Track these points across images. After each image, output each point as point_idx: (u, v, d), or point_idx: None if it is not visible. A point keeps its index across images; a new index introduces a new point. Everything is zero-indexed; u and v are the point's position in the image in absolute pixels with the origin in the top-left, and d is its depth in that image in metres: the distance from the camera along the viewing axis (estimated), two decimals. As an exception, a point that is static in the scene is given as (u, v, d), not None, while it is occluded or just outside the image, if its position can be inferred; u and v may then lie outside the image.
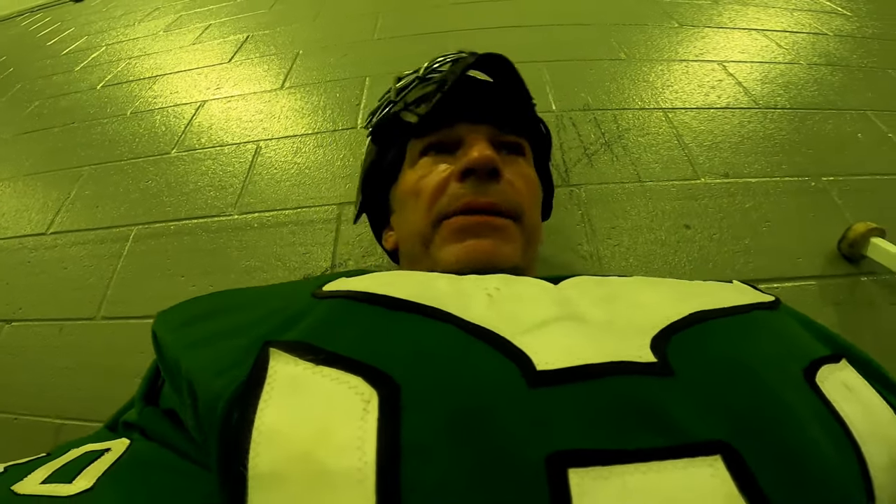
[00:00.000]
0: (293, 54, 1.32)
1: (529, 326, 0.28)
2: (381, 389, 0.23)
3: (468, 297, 0.30)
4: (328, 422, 0.21)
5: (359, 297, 0.30)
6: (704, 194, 0.82)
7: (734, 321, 0.31)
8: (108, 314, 0.81)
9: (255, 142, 1.04)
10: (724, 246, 0.75)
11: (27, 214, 1.03)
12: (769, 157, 0.88)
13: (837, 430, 0.24)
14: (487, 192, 0.45)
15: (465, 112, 0.50)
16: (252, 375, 0.24)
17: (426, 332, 0.27)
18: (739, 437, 0.22)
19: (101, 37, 1.77)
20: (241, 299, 0.34)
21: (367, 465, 0.20)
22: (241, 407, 0.23)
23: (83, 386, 0.74)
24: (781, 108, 0.98)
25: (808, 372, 0.27)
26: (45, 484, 0.25)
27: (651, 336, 0.27)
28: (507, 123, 0.51)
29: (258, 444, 0.21)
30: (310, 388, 0.23)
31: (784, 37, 1.21)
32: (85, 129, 1.23)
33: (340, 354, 0.25)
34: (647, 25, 1.25)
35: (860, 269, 0.73)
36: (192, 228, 0.89)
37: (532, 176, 0.52)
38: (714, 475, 0.20)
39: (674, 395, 0.23)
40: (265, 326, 0.28)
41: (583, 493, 0.19)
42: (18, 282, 0.90)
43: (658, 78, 1.06)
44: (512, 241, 0.45)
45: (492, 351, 0.25)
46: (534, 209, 0.50)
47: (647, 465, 0.20)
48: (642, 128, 0.94)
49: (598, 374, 0.24)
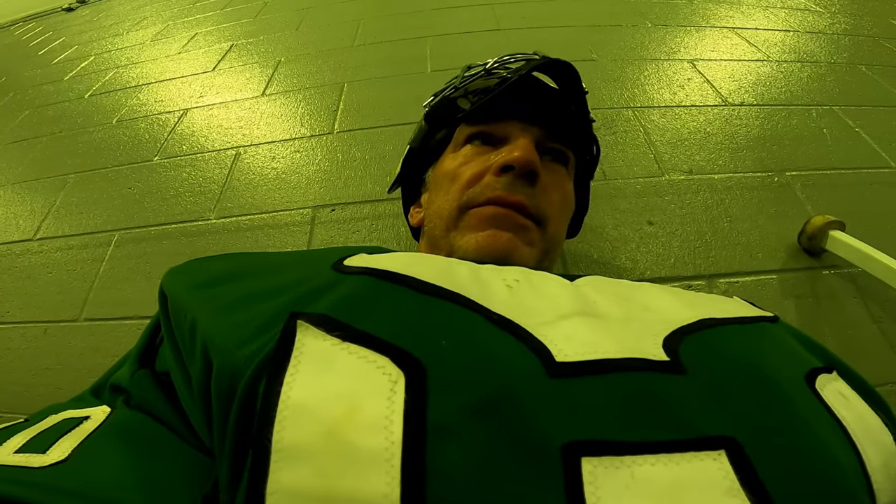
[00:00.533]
0: (275, 62, 1.34)
1: (549, 319, 0.28)
2: (408, 371, 0.23)
3: (489, 287, 0.31)
4: (356, 400, 0.22)
5: (385, 276, 0.30)
6: (668, 191, 0.84)
7: (741, 329, 0.32)
8: (90, 316, 0.83)
9: (235, 148, 1.06)
10: (685, 241, 0.77)
11: (15, 221, 1.05)
12: (734, 154, 0.89)
13: (839, 431, 0.25)
14: (520, 192, 0.45)
15: (519, 110, 0.50)
16: (279, 347, 0.24)
17: (453, 318, 0.28)
18: (745, 434, 0.23)
19: (91, 46, 1.80)
20: (258, 264, 0.34)
21: (393, 445, 0.20)
22: (267, 378, 0.23)
23: (65, 385, 0.76)
24: (749, 104, 1.00)
25: (809, 378, 0.28)
26: (19, 454, 0.25)
27: (663, 336, 0.28)
28: (558, 131, 0.51)
29: (284, 417, 0.21)
30: (338, 365, 0.23)
31: (755, 34, 1.23)
32: (72, 137, 1.25)
33: (369, 333, 0.25)
34: (620, 26, 1.27)
35: (821, 263, 0.74)
36: (171, 233, 0.92)
37: (568, 189, 0.52)
38: (718, 468, 0.21)
39: (685, 392, 0.24)
40: (288, 295, 0.28)
41: (594, 479, 0.20)
42: (5, 286, 0.92)
43: (628, 77, 1.08)
44: (532, 243, 0.45)
45: (514, 341, 0.26)
46: (560, 220, 0.50)
47: (656, 457, 0.21)
48: (610, 126, 0.96)
49: (614, 369, 0.25)
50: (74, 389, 0.73)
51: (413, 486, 0.19)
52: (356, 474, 0.20)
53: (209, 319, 0.28)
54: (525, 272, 0.35)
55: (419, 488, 0.19)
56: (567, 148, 0.52)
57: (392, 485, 0.19)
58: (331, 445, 0.20)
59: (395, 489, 0.19)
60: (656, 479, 0.21)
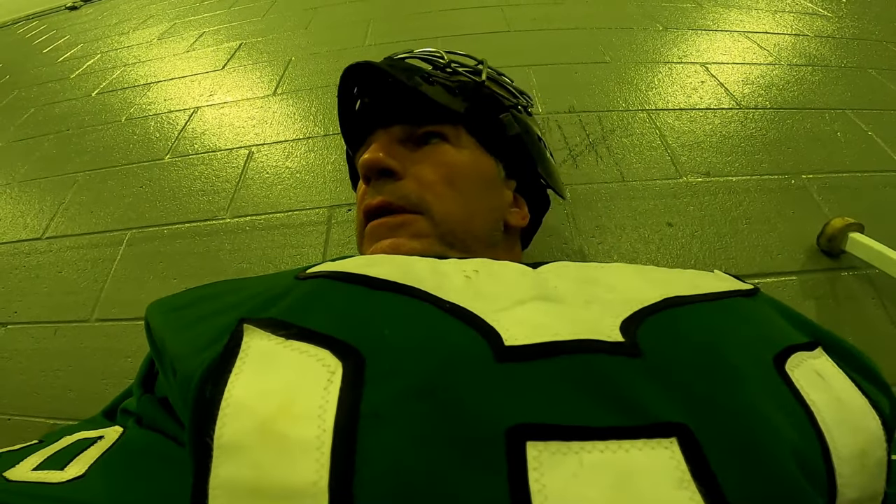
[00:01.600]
0: (285, 61, 1.34)
1: (504, 305, 0.28)
2: (346, 361, 0.23)
3: (446, 278, 0.31)
4: (292, 392, 0.22)
5: (338, 277, 0.31)
6: (686, 193, 0.83)
7: (708, 307, 0.31)
8: (102, 316, 0.82)
9: (248, 147, 1.05)
10: (705, 243, 0.77)
11: (23, 220, 1.04)
12: (750, 156, 0.90)
13: (802, 417, 0.24)
14: (382, 191, 0.46)
15: (377, 118, 0.51)
16: (226, 350, 0.25)
17: (400, 309, 0.28)
18: (698, 421, 0.22)
19: (97, 44, 1.79)
20: (230, 286, 0.35)
21: (324, 433, 0.20)
22: (213, 381, 0.23)
23: (76, 387, 0.75)
24: (762, 108, 1.00)
25: (779, 358, 0.27)
26: (37, 471, 0.26)
27: (623, 318, 0.28)
28: (419, 116, 0.50)
29: (225, 415, 0.22)
30: (279, 362, 0.24)
31: (766, 38, 1.24)
32: (80, 135, 1.24)
33: (312, 329, 0.25)
34: (632, 29, 1.28)
35: (840, 265, 0.74)
36: (184, 232, 0.91)
37: (455, 161, 0.49)
38: (670, 457, 0.21)
39: (638, 376, 0.24)
40: (246, 307, 0.29)
41: (540, 465, 0.20)
42: (14, 286, 0.91)
43: (642, 80, 1.08)
44: (419, 235, 0.44)
45: (463, 327, 0.26)
46: (453, 196, 0.47)
47: (606, 443, 0.21)
48: (626, 129, 0.96)
49: (564, 351, 0.24)
50: (86, 391, 0.74)
51: (341, 473, 0.19)
52: (287, 464, 0.20)
53: (173, 336, 0.29)
54: (486, 262, 0.35)
55: (348, 474, 0.19)
56: (440, 125, 0.50)
57: (321, 472, 0.19)
58: (265, 438, 0.20)
59: (324, 476, 0.19)
60: (605, 466, 0.20)
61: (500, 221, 0.52)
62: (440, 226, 0.45)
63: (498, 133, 0.54)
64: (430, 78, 0.50)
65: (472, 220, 0.48)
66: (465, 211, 0.47)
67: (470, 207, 0.48)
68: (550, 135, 0.96)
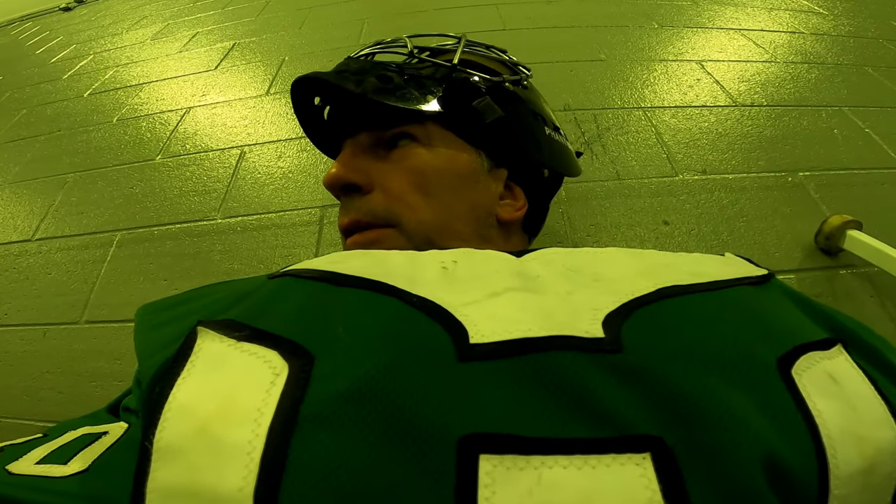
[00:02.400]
0: (279, 61, 1.33)
1: (477, 298, 0.26)
2: (294, 362, 0.22)
3: (420, 271, 0.29)
4: (232, 395, 0.21)
5: (304, 275, 0.30)
6: (682, 191, 0.83)
7: (708, 298, 0.28)
8: (92, 318, 0.81)
9: (240, 147, 1.04)
10: (702, 241, 0.76)
11: (13, 221, 1.03)
12: (746, 154, 0.89)
13: (801, 429, 0.22)
14: (351, 208, 0.44)
15: (342, 127, 0.48)
16: (178, 353, 0.24)
17: (360, 305, 0.26)
18: (676, 434, 0.20)
19: (90, 45, 1.78)
20: (214, 288, 0.34)
21: (257, 437, 0.19)
22: (161, 382, 0.23)
23: (65, 389, 0.74)
24: (758, 105, 1.00)
25: (785, 360, 0.24)
26: (41, 465, 0.25)
27: (609, 310, 0.25)
28: (382, 121, 0.46)
29: (167, 419, 0.21)
30: (227, 364, 0.23)
31: (761, 36, 1.23)
32: (71, 136, 1.23)
33: (264, 330, 0.24)
34: (627, 27, 1.27)
35: (838, 262, 0.74)
36: (175, 233, 0.90)
37: (427, 162, 0.45)
38: (641, 475, 0.19)
39: (612, 378, 0.22)
40: (213, 308, 0.28)
41: (492, 482, 0.18)
42: (4, 288, 0.90)
43: (638, 78, 1.08)
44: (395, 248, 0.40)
45: (429, 322, 0.24)
46: (427, 202, 0.43)
47: (569, 458, 0.19)
48: (622, 127, 0.95)
49: (535, 349, 0.23)
50: (76, 394, 0.73)
51: (268, 480, 0.18)
52: (217, 468, 0.19)
53: (141, 337, 0.28)
54: (467, 252, 0.33)
55: (274, 482, 0.18)
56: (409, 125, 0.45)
57: (248, 479, 0.19)
58: (200, 441, 0.20)
59: (251, 483, 0.18)
60: (566, 484, 0.18)
61: (488, 217, 0.47)
62: (414, 237, 0.42)
63: (475, 121, 0.47)
64: (386, 77, 0.44)
65: (451, 223, 0.44)
66: (441, 216, 0.44)
67: (446, 211, 0.44)
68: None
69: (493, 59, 0.54)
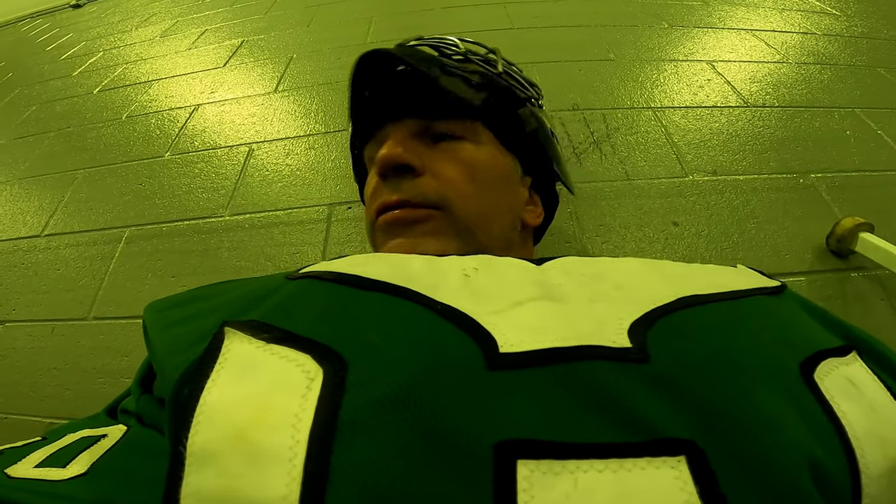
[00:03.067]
0: (287, 58, 1.33)
1: (502, 307, 0.26)
2: (327, 367, 0.22)
3: (442, 278, 0.29)
4: (269, 400, 0.21)
5: (326, 277, 0.30)
6: (693, 191, 0.82)
7: (728, 307, 0.29)
8: (99, 314, 0.81)
9: (248, 144, 1.04)
10: (712, 242, 0.76)
11: (22, 217, 1.03)
12: (758, 155, 0.88)
13: (830, 431, 0.22)
14: (400, 188, 0.43)
15: (387, 111, 0.48)
16: (206, 353, 0.24)
17: (388, 311, 0.26)
18: (707, 437, 0.20)
19: (99, 42, 1.79)
20: (225, 287, 0.34)
21: (298, 444, 0.19)
22: (190, 384, 0.22)
23: (72, 386, 0.74)
24: (770, 106, 0.99)
25: (807, 365, 0.25)
26: (39, 468, 0.25)
27: (633, 319, 0.26)
28: (435, 111, 0.47)
29: (199, 422, 0.21)
30: (259, 367, 0.23)
31: (773, 36, 1.22)
32: (81, 133, 1.24)
33: (294, 333, 0.24)
34: (636, 27, 1.26)
35: (849, 265, 0.73)
36: (183, 230, 0.90)
37: (475, 158, 0.47)
38: (676, 477, 0.19)
39: (644, 386, 0.22)
40: (232, 308, 0.28)
41: (530, 487, 0.18)
42: (12, 283, 0.91)
43: (647, 78, 1.07)
44: (437, 232, 0.42)
45: (456, 331, 0.24)
46: (474, 194, 0.45)
47: (605, 462, 0.19)
48: (631, 127, 0.94)
49: (563, 359, 0.23)
50: (83, 390, 0.73)
51: (313, 488, 0.18)
52: (257, 475, 0.19)
53: (159, 335, 0.28)
54: (487, 259, 0.33)
55: (319, 490, 0.18)
56: (458, 121, 0.47)
57: (292, 486, 0.18)
58: (237, 446, 0.20)
59: (295, 490, 0.18)
60: (602, 488, 0.18)
61: (517, 221, 0.50)
62: (459, 223, 0.43)
63: (515, 129, 0.51)
64: (446, 68, 0.46)
65: (492, 219, 0.46)
66: (485, 210, 0.45)
67: (489, 207, 0.46)
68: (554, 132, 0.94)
69: (520, 74, 0.57)
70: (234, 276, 0.80)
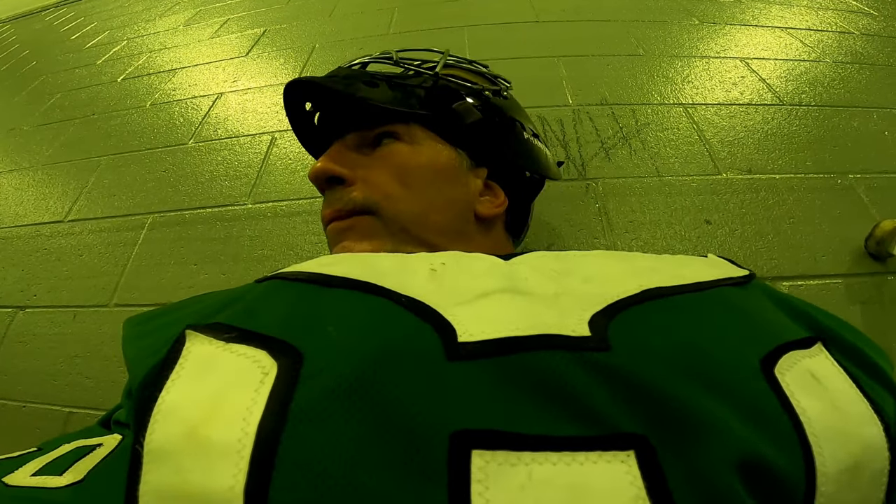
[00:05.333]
0: (309, 48, 1.32)
1: (466, 299, 0.27)
2: (283, 360, 0.22)
3: (411, 273, 0.30)
4: (223, 396, 0.21)
5: (293, 277, 0.31)
6: (726, 189, 0.80)
7: (691, 299, 0.29)
8: (122, 301, 0.81)
9: (271, 133, 1.04)
10: (745, 242, 0.73)
11: (45, 203, 1.04)
12: (794, 154, 0.85)
13: (786, 428, 0.22)
14: (331, 201, 0.46)
15: (332, 130, 0.51)
16: (167, 356, 0.24)
17: (349, 305, 0.27)
18: (657, 432, 0.20)
19: (123, 31, 1.80)
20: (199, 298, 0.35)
21: (247, 436, 0.19)
22: (150, 387, 0.23)
23: (93, 374, 0.74)
24: (806, 105, 0.96)
25: (768, 359, 0.25)
26: (36, 476, 0.26)
27: (594, 311, 0.26)
28: (367, 121, 0.48)
29: (156, 420, 0.21)
30: (216, 365, 0.23)
31: (809, 35, 1.19)
32: (104, 120, 1.24)
33: (253, 331, 0.25)
34: (666, 22, 1.24)
35: (888, 268, 0.71)
36: (206, 217, 0.90)
37: (408, 158, 0.47)
38: (626, 472, 0.19)
39: (598, 377, 0.22)
40: (200, 315, 0.28)
41: (485, 477, 0.18)
42: (34, 268, 0.91)
43: (678, 74, 1.04)
44: (369, 236, 0.44)
45: (418, 322, 0.25)
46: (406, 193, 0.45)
47: (559, 454, 0.19)
48: (661, 123, 0.92)
49: (523, 348, 0.23)
50: (103, 379, 0.73)
51: (258, 477, 0.19)
52: (207, 468, 0.19)
53: (130, 345, 0.29)
54: (456, 255, 0.34)
55: (264, 479, 0.19)
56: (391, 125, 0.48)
57: (238, 476, 0.19)
58: (189, 442, 0.20)
59: (241, 481, 0.19)
60: (556, 481, 0.19)
61: (467, 212, 0.49)
62: (390, 224, 0.44)
63: (455, 123, 0.51)
64: (372, 80, 0.48)
65: (428, 214, 0.46)
66: (420, 207, 0.45)
67: (424, 202, 0.46)
68: (582, 126, 0.92)
69: (474, 72, 0.58)
70: (255, 264, 0.80)
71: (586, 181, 0.83)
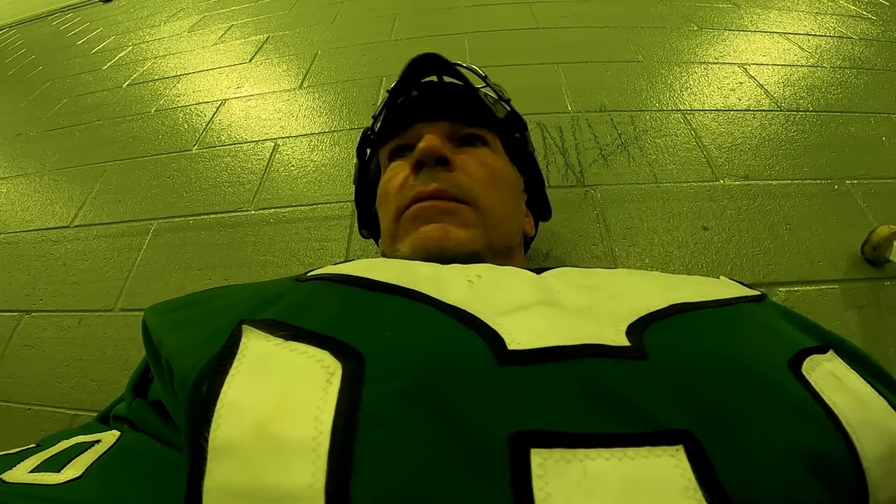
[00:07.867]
0: (312, 54, 1.34)
1: (507, 309, 0.28)
2: (346, 362, 0.23)
3: (448, 282, 0.31)
4: (289, 393, 0.22)
5: (338, 279, 0.31)
6: (723, 196, 0.80)
7: (716, 313, 0.31)
8: (126, 306, 0.82)
9: (273, 139, 1.05)
10: (743, 248, 0.74)
11: (51, 208, 1.05)
12: (791, 160, 0.86)
13: (824, 420, 0.23)
14: (436, 179, 0.46)
15: (421, 112, 0.52)
16: (224, 350, 0.24)
17: (400, 311, 0.28)
18: (703, 427, 0.21)
19: (128, 37, 1.82)
20: (227, 290, 0.35)
21: (321, 434, 0.20)
22: (209, 381, 0.23)
23: (98, 378, 0.75)
24: (804, 110, 0.96)
25: (794, 362, 0.26)
26: (34, 473, 0.26)
27: (629, 322, 0.27)
28: (465, 117, 0.52)
29: (220, 416, 0.21)
30: (277, 363, 0.23)
31: (807, 40, 1.19)
32: (110, 126, 1.26)
33: (311, 330, 0.25)
34: (665, 28, 1.25)
35: (884, 274, 0.71)
36: (209, 223, 0.91)
37: (495, 164, 0.51)
38: (676, 465, 0.20)
39: (642, 381, 0.23)
40: (244, 308, 0.29)
41: (544, 473, 0.19)
42: (40, 273, 0.92)
43: (676, 80, 1.05)
44: (466, 225, 0.44)
45: (465, 330, 0.26)
46: (494, 195, 0.48)
47: (611, 451, 0.20)
48: (659, 129, 0.93)
49: (568, 356, 0.24)
50: (108, 382, 0.74)
51: (338, 476, 0.19)
52: (281, 466, 0.19)
53: (170, 336, 0.29)
54: (490, 268, 0.35)
55: (344, 477, 0.19)
56: (483, 129, 0.53)
57: (317, 475, 0.19)
58: (259, 439, 0.20)
59: (320, 479, 0.19)
60: (609, 475, 0.19)
61: (521, 228, 0.54)
62: (485, 219, 0.45)
63: (521, 148, 0.57)
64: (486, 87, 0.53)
65: (507, 221, 0.49)
66: (503, 211, 0.49)
67: (506, 210, 0.49)
68: (580, 133, 0.93)
69: None
70: (258, 270, 0.81)
71: (585, 188, 0.83)
